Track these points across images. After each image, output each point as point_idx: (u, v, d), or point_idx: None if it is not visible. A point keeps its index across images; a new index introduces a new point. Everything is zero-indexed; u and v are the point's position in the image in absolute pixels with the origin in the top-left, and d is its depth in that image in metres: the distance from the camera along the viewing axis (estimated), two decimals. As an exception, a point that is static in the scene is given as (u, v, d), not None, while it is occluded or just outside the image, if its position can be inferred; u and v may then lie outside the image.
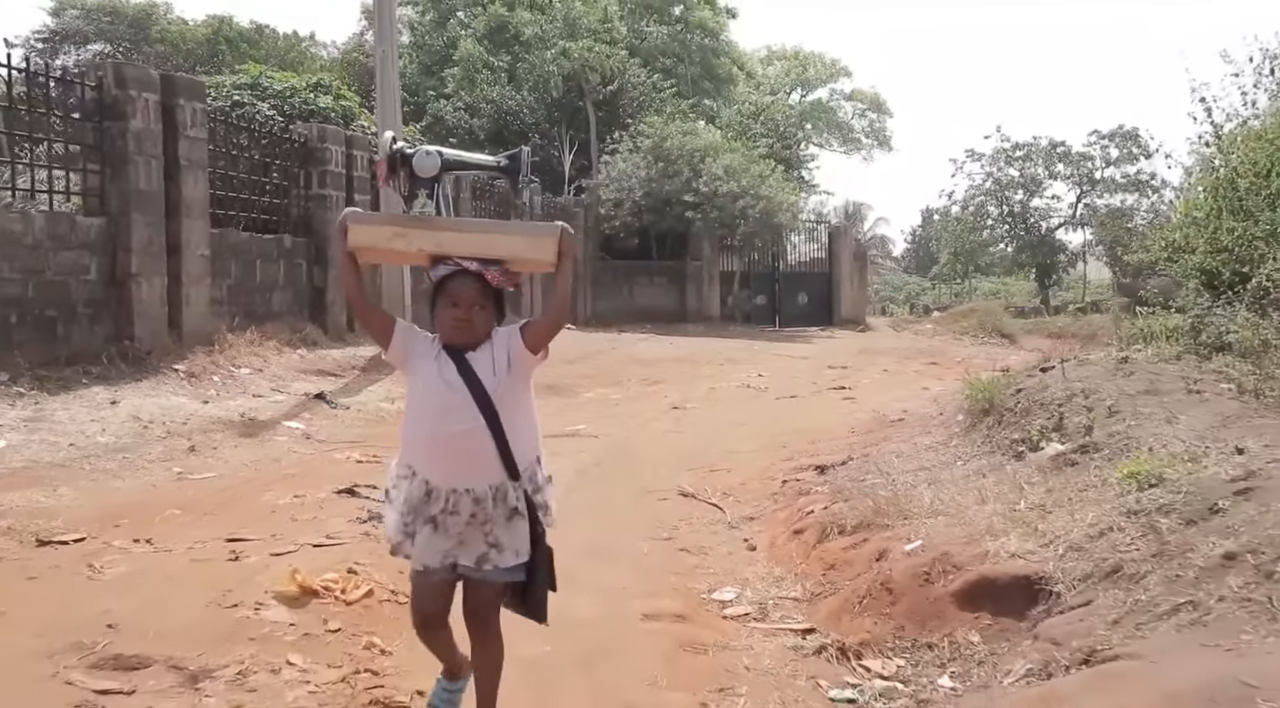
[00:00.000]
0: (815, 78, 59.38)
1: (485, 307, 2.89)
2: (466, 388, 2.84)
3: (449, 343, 2.90)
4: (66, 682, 3.42)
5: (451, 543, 2.86)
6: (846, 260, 29.64)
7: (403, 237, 2.87)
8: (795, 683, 3.72)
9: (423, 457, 2.90)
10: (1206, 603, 3.13)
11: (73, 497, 6.11)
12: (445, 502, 2.85)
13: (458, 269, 2.87)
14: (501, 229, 3.01)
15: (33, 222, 9.59)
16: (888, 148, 62.89)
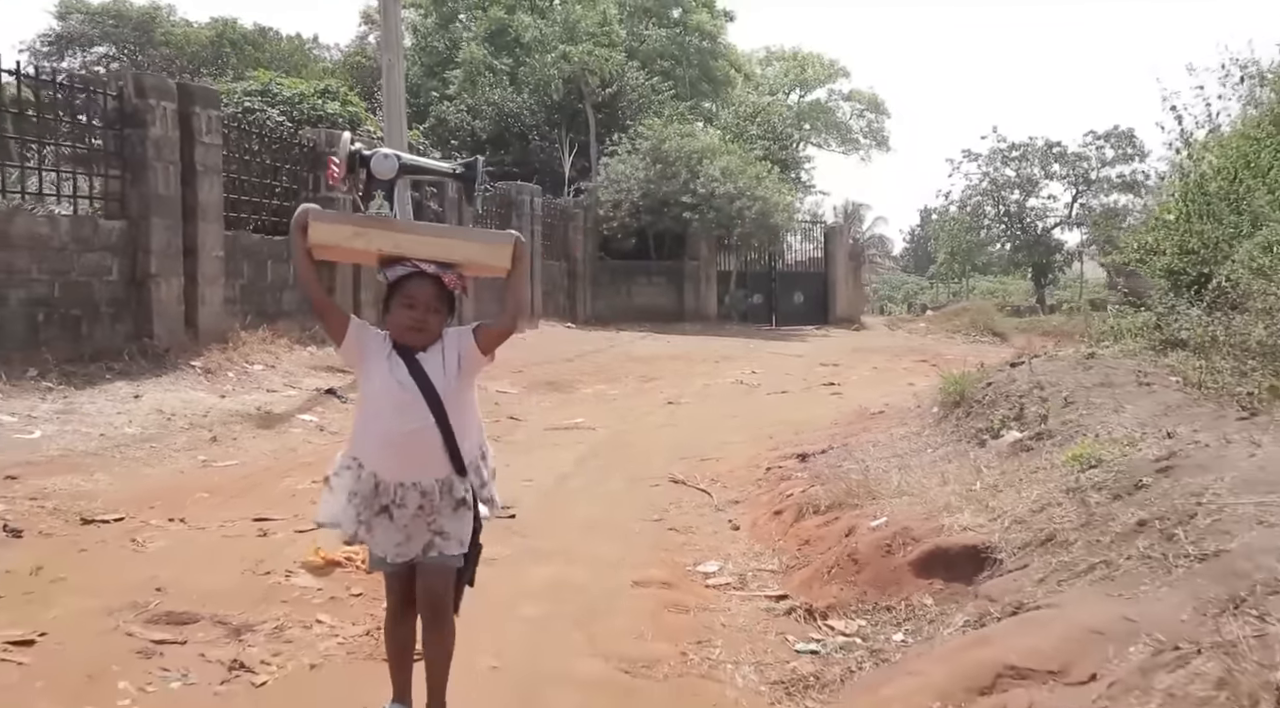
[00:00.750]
0: (814, 78, 59.85)
1: (439, 309, 2.95)
2: (418, 388, 2.90)
3: (401, 342, 2.95)
4: (127, 633, 3.92)
5: (400, 536, 2.96)
6: (842, 260, 30.14)
7: (362, 236, 2.89)
8: (766, 638, 4.21)
9: (373, 452, 2.96)
10: (1117, 562, 3.61)
11: (108, 482, 6.60)
12: (394, 494, 2.93)
13: (414, 271, 2.92)
14: (459, 234, 3.09)
15: (59, 225, 10.09)
16: (886, 148, 63.39)
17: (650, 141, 26.09)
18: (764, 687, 3.73)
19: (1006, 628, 3.46)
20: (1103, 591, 3.45)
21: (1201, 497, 3.78)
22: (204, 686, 3.52)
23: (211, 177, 12.01)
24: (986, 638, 3.45)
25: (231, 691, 3.50)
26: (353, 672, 3.70)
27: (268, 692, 3.51)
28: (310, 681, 3.62)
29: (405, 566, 3.01)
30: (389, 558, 2.99)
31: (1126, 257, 10.55)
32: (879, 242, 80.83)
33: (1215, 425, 4.87)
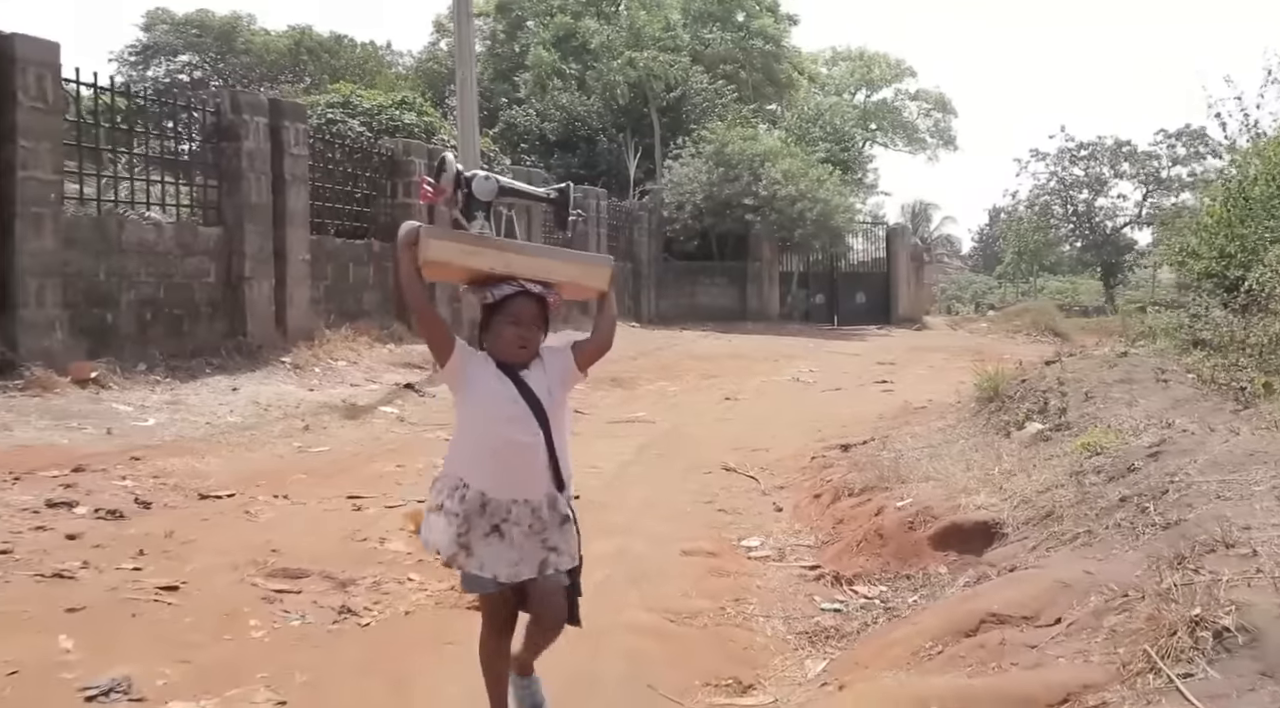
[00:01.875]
0: (880, 78, 59.76)
1: (540, 327, 3.00)
2: (526, 404, 2.94)
3: (505, 360, 2.99)
4: (252, 584, 4.64)
5: (516, 555, 2.95)
6: (904, 260, 30.45)
7: (476, 255, 2.95)
8: (796, 599, 4.82)
9: (481, 469, 2.97)
10: (1096, 531, 4.16)
11: (218, 464, 7.40)
12: (506, 512, 2.95)
13: (520, 290, 2.96)
14: (561, 255, 3.13)
15: (164, 231, 11.01)
16: (953, 147, 63.01)
17: (713, 145, 26.68)
18: (790, 636, 4.34)
19: (995, 585, 4.04)
20: (1081, 555, 4.01)
21: (1175, 476, 4.31)
22: (319, 624, 4.22)
23: (299, 185, 12.89)
24: (977, 594, 4.03)
25: (342, 629, 4.20)
26: (439, 617, 4.38)
27: (371, 631, 4.21)
28: (405, 623, 4.31)
29: (510, 588, 3.01)
30: (502, 577, 2.96)
31: (1168, 259, 10.91)
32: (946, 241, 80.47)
33: (1212, 417, 5.37)
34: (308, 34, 43.47)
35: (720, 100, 30.84)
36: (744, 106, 31.77)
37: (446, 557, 3.00)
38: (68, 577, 4.57)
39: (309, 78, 41.78)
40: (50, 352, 9.15)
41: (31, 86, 9.06)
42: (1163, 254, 11.01)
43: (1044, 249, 45.93)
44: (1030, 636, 3.46)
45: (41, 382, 8.75)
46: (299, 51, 42.82)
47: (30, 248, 9.09)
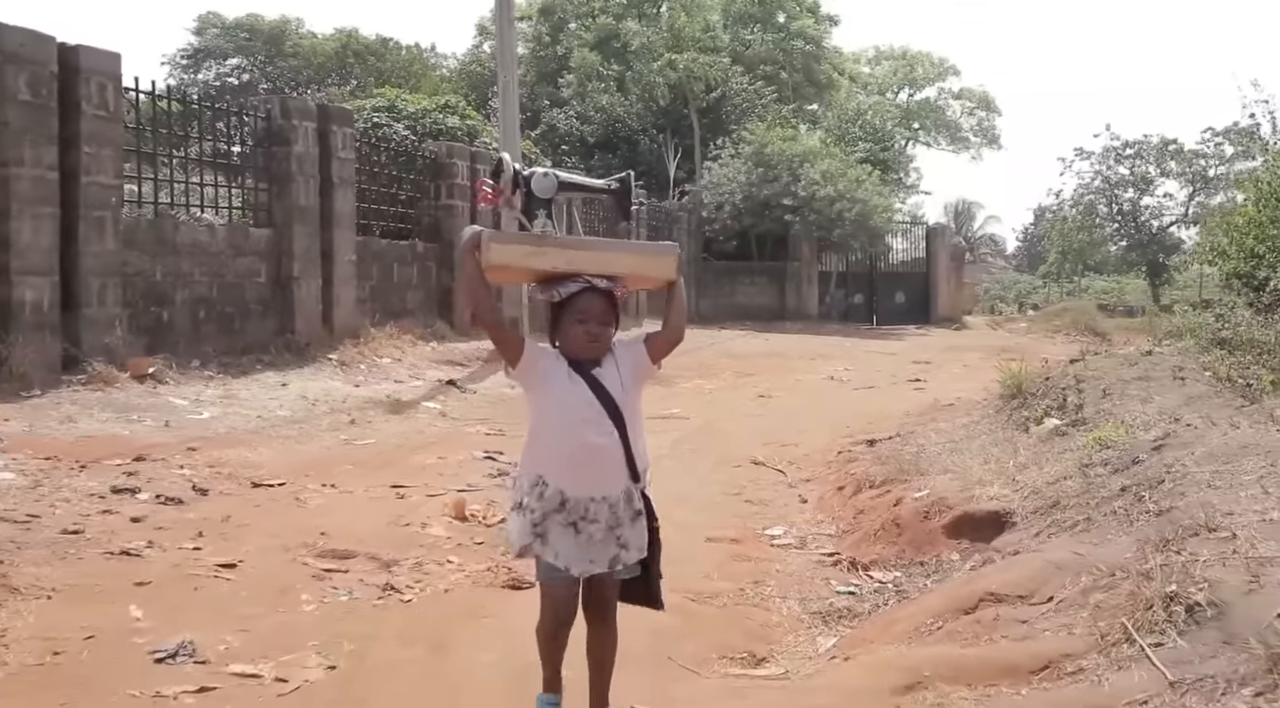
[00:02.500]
0: (923, 77, 59.61)
1: (610, 322, 2.98)
2: (599, 402, 2.95)
3: (577, 357, 2.99)
4: (303, 563, 4.98)
5: (591, 552, 2.97)
6: (944, 260, 30.48)
7: (539, 255, 2.94)
8: (813, 582, 5.08)
9: (560, 468, 2.97)
10: (1095, 518, 4.39)
11: (269, 455, 7.77)
12: (585, 510, 2.96)
13: (586, 286, 2.95)
14: (625, 248, 3.15)
15: (217, 233, 11.45)
16: (996, 146, 62.76)
17: (753, 145, 26.90)
18: (805, 615, 4.60)
19: (995, 568, 4.29)
20: (1077, 540, 4.25)
21: (1172, 468, 4.53)
22: (365, 600, 4.55)
23: (345, 188, 13.30)
24: (978, 576, 4.28)
25: (386, 604, 4.52)
26: (476, 595, 4.69)
27: (413, 606, 4.52)
28: (444, 599, 4.62)
29: (575, 582, 3.03)
30: (575, 571, 2.98)
31: (1199, 259, 11.02)
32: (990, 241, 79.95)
33: (1219, 413, 5.56)
34: (354, 37, 44.18)
35: (760, 101, 31.03)
36: (783, 107, 31.94)
37: (520, 548, 3.03)
38: (135, 555, 4.94)
39: (355, 80, 42.49)
40: (111, 348, 9.58)
41: (94, 96, 9.51)
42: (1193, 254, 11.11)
43: (1088, 249, 45.61)
44: (1022, 612, 3.71)
45: (103, 377, 9.18)
46: (345, 54, 43.53)
47: (93, 249, 9.54)
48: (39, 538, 5.02)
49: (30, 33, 8.98)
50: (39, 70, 8.98)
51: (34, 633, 3.84)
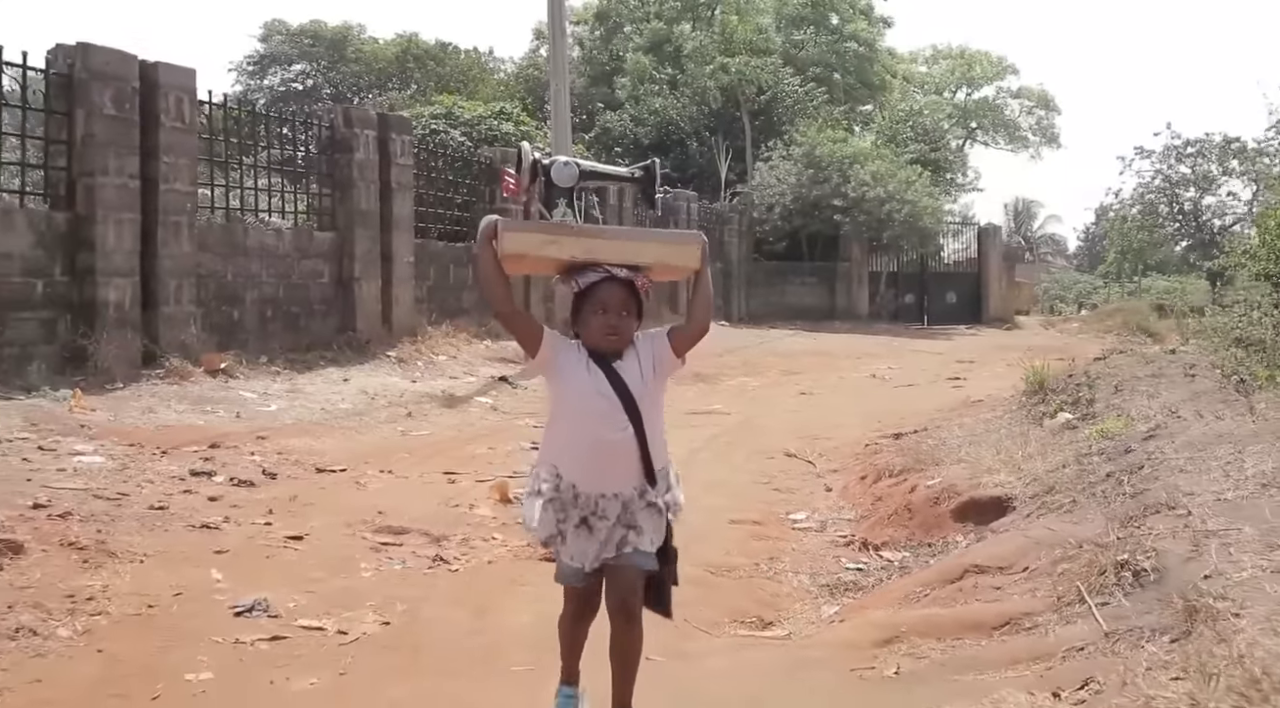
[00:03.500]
0: (981, 76, 59.30)
1: (632, 313, 2.92)
2: (617, 396, 2.88)
3: (596, 349, 2.93)
4: (362, 537, 5.53)
5: (599, 546, 2.92)
6: (995, 260, 30.55)
7: (555, 244, 2.88)
8: (825, 560, 5.52)
9: (572, 462, 2.94)
10: (1080, 501, 4.77)
11: (332, 443, 8.36)
12: (594, 506, 2.92)
13: (606, 276, 2.89)
14: (647, 236, 3.04)
15: (283, 236, 12.12)
16: (1056, 145, 62.25)
17: (803, 147, 27.24)
18: (813, 587, 5.05)
19: (983, 544, 4.71)
20: (1061, 518, 4.64)
21: (1153, 455, 4.91)
22: (417, 569, 5.08)
23: (404, 193, 13.94)
24: (968, 551, 4.71)
25: (436, 573, 5.05)
26: (516, 566, 5.20)
27: (459, 574, 5.04)
28: (488, 569, 5.14)
29: (595, 577, 2.99)
30: (586, 567, 2.96)
31: (1232, 260, 11.22)
32: (1050, 240, 79.20)
33: (1211, 407, 5.90)
34: (414, 42, 45.08)
35: (811, 103, 31.33)
36: (835, 108, 32.20)
37: (544, 538, 3.00)
38: (213, 528, 5.52)
39: (415, 84, 43.38)
40: (186, 344, 10.26)
41: (172, 109, 10.19)
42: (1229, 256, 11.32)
43: (1148, 249, 45.15)
44: (998, 580, 4.14)
45: (179, 371, 9.86)
46: (406, 59, 44.45)
47: (170, 252, 10.23)
48: (129, 513, 5.61)
49: (115, 52, 9.69)
50: (122, 86, 9.68)
51: (131, 590, 4.42)
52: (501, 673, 3.76)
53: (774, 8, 33.92)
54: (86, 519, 5.25)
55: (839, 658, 3.72)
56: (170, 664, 3.72)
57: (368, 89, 44.83)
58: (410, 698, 3.52)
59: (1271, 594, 3.03)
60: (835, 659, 3.72)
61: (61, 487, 5.90)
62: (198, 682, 3.60)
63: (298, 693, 3.56)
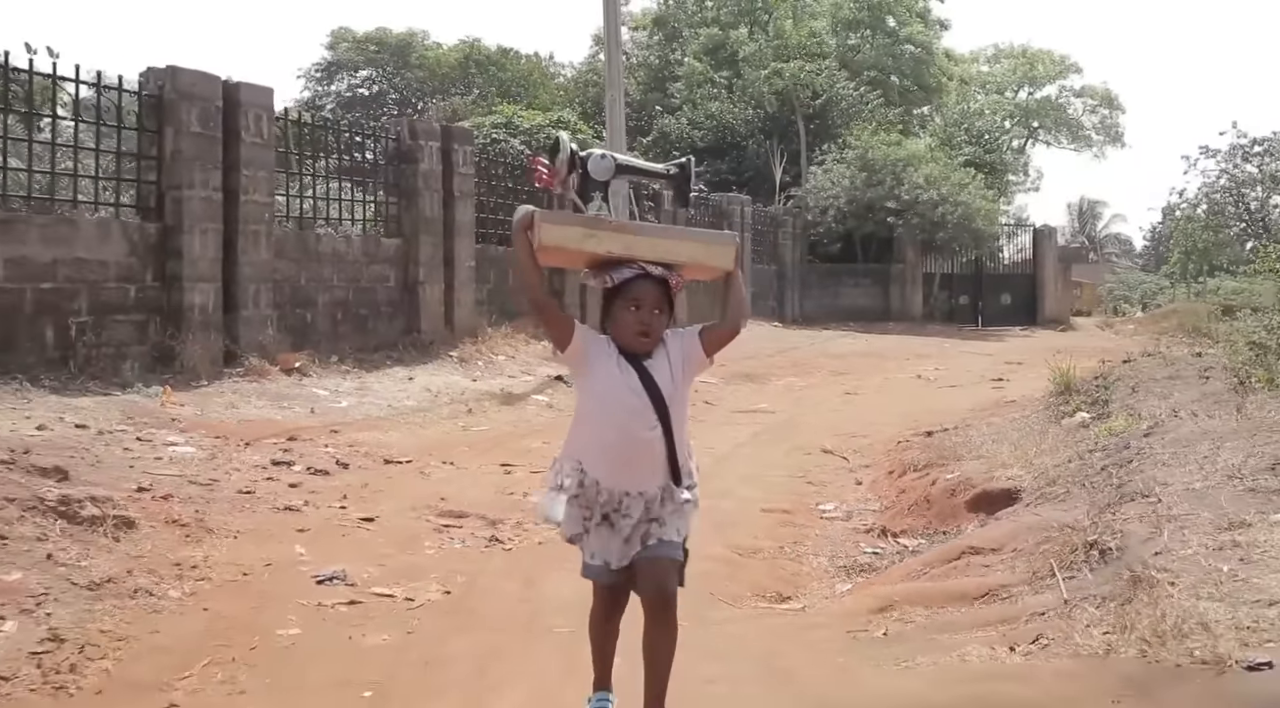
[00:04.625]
0: (1043, 75, 58.96)
1: (664, 310, 2.91)
2: (647, 394, 2.87)
3: (627, 347, 2.92)
4: (426, 520, 6.15)
5: (621, 542, 2.93)
6: (1051, 261, 30.61)
7: (593, 238, 2.85)
8: (846, 545, 6.03)
9: (598, 458, 2.93)
10: (1073, 491, 5.24)
11: (398, 437, 9.02)
12: (618, 504, 2.91)
13: (640, 273, 2.88)
14: (683, 235, 3.03)
15: (353, 243, 12.87)
16: (1120, 144, 61.66)
17: (857, 150, 27.60)
18: (831, 568, 5.57)
19: (983, 530, 5.20)
20: (1054, 507, 5.11)
21: (1143, 451, 5.36)
22: (475, 548, 5.68)
23: (466, 200, 14.63)
24: (969, 536, 5.19)
25: (491, 551, 5.65)
26: (564, 548, 5.60)
27: (511, 553, 5.64)
28: (537, 550, 5.72)
29: (623, 574, 2.99)
30: (612, 564, 2.97)
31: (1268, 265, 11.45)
32: (1116, 240, 78.26)
33: (1212, 407, 6.30)
34: (476, 48, 46.01)
35: (866, 106, 31.63)
36: (890, 110, 32.44)
37: (570, 535, 3.03)
38: (295, 510, 6.18)
39: (477, 89, 44.32)
40: (263, 345, 11.01)
41: (251, 125, 10.95)
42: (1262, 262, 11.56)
43: (1213, 249, 44.61)
44: (989, 560, 4.64)
45: (257, 370, 10.60)
46: (468, 65, 45.39)
47: (249, 259, 10.98)
48: (221, 496, 6.29)
49: (200, 74, 10.46)
50: (207, 106, 10.45)
51: (227, 560, 5.08)
52: (544, 633, 4.33)
53: (829, 11, 34.26)
54: (185, 501, 5.92)
55: (840, 623, 4.25)
56: (264, 622, 4.35)
57: (431, 94, 45.85)
58: (466, 652, 4.10)
59: (1205, 567, 3.51)
60: (836, 624, 4.25)
61: (160, 473, 6.60)
62: (287, 636, 4.22)
63: (372, 647, 4.16)
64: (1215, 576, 3.38)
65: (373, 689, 3.69)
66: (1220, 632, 2.87)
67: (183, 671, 3.81)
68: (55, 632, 3.94)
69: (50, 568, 4.49)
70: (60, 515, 4.98)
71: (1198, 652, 2.79)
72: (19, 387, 8.41)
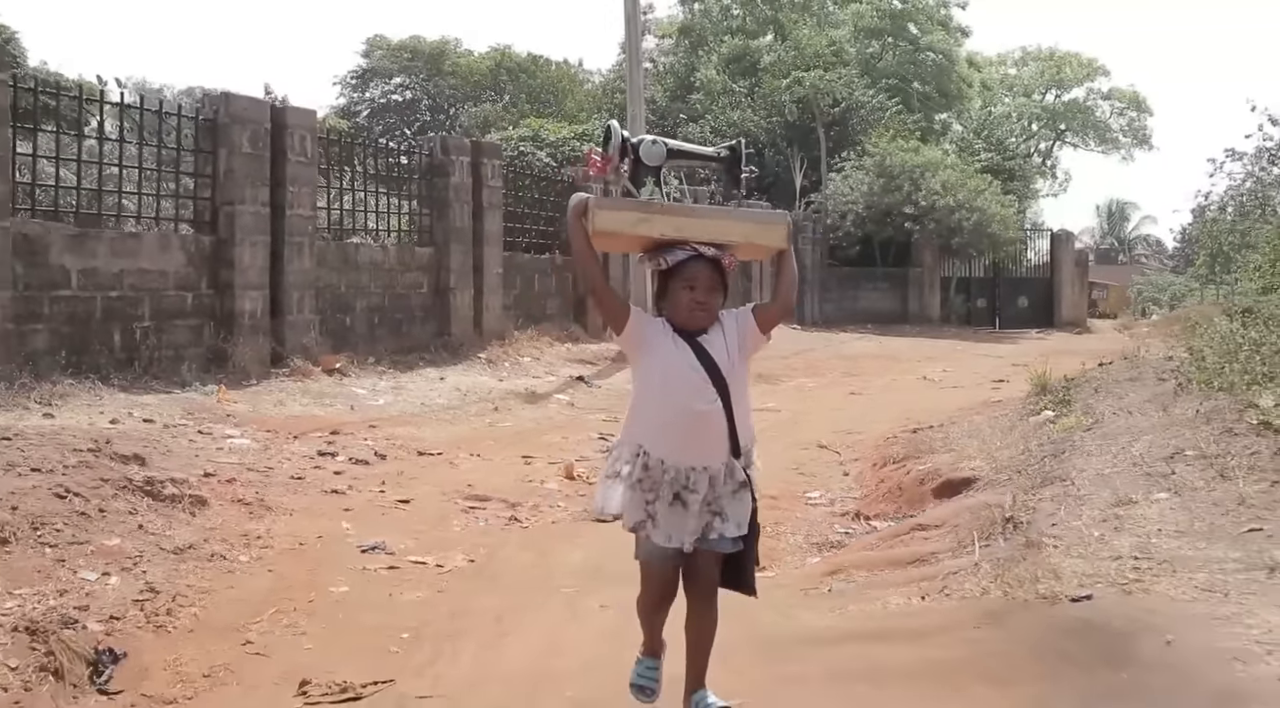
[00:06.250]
0: (1071, 78, 59.27)
1: (718, 290, 2.98)
2: (705, 369, 2.93)
3: (683, 326, 2.98)
4: (454, 503, 7.02)
5: (694, 521, 2.97)
6: (1067, 265, 31.19)
7: (646, 222, 2.92)
8: (822, 526, 6.84)
9: (661, 437, 2.98)
10: (1014, 478, 6.03)
11: (431, 432, 9.91)
12: (686, 480, 2.96)
13: (694, 254, 2.94)
14: (734, 215, 3.07)
15: (389, 251, 13.81)
16: (1148, 147, 61.82)
17: (875, 157, 28.33)
18: (805, 545, 6.38)
19: (933, 510, 6.00)
20: (994, 491, 5.92)
21: (1076, 443, 6.15)
22: (496, 526, 6.55)
23: (494, 211, 15.55)
24: (922, 515, 6.00)
25: (510, 529, 6.51)
26: (573, 526, 6.62)
27: (529, 530, 6.50)
28: (551, 528, 6.58)
29: (681, 558, 3.03)
30: (686, 546, 3.00)
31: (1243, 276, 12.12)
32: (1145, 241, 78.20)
33: (1150, 406, 7.06)
34: (507, 55, 47.03)
35: (885, 113, 32.33)
36: (910, 116, 33.08)
37: (632, 524, 3.04)
38: (340, 493, 7.08)
39: (507, 96, 45.36)
40: (307, 347, 11.95)
41: (296, 145, 11.89)
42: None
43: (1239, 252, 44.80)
44: (930, 534, 5.45)
45: (301, 370, 11.54)
46: (499, 72, 46.42)
47: (294, 268, 11.93)
48: (276, 481, 7.19)
49: (251, 99, 11.43)
50: (256, 128, 11.40)
51: (286, 532, 5.97)
52: (554, 591, 5.17)
53: (851, 19, 34.99)
54: (246, 484, 6.83)
55: (797, 584, 5.08)
56: (319, 581, 5.23)
57: (463, 101, 46.90)
58: (487, 606, 4.95)
59: (1084, 534, 4.32)
60: (794, 584, 5.08)
61: (222, 461, 7.51)
62: (338, 593, 5.10)
63: (408, 602, 5.03)
64: (1086, 539, 4.18)
65: (409, 633, 4.54)
66: (1066, 578, 3.68)
67: (255, 617, 4.69)
68: (151, 585, 4.84)
69: (142, 536, 5.40)
70: (146, 494, 5.90)
71: (1042, 591, 3.60)
72: (91, 385, 9.37)
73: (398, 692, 3.79)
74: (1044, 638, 3.25)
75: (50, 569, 4.75)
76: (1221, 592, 3.32)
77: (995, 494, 5.73)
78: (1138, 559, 3.79)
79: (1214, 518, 4.22)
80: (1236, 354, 7.61)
